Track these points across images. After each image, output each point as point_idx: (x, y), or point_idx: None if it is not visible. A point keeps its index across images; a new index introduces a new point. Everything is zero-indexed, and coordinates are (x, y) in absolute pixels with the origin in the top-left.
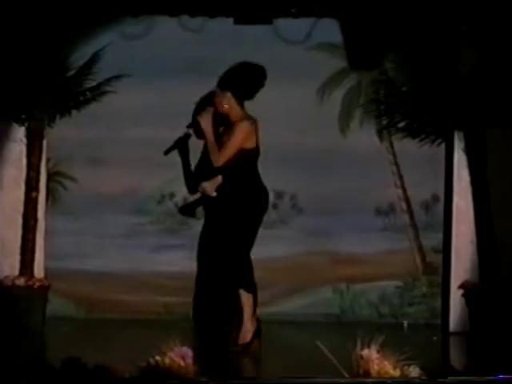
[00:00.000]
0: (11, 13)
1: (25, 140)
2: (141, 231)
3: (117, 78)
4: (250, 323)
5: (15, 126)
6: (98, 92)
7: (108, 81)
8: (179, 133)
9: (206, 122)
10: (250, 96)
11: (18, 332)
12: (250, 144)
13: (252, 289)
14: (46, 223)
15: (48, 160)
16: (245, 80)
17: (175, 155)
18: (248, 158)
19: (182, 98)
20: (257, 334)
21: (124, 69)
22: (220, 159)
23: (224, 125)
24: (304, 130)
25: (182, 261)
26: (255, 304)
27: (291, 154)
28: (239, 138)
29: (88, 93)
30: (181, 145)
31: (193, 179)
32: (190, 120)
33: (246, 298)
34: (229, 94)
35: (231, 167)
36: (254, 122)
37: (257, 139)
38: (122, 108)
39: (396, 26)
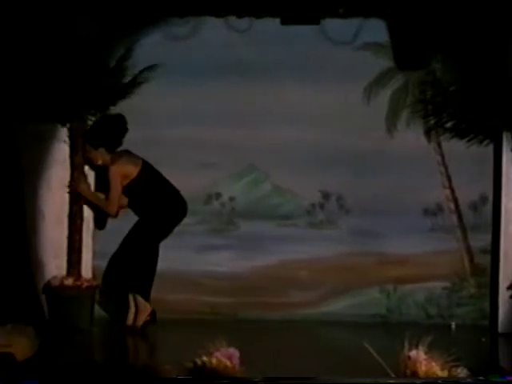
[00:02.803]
0: (55, 14)
1: (68, 140)
2: (188, 231)
3: (150, 68)
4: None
5: (60, 126)
6: (134, 84)
7: (141, 72)
8: (224, 134)
9: (83, 187)
10: (119, 144)
11: (66, 332)
12: (129, 178)
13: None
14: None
15: None
16: (112, 133)
17: (220, 155)
18: (134, 185)
19: (229, 98)
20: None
21: (170, 69)
22: (112, 210)
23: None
24: (351, 131)
25: (228, 261)
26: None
27: (338, 154)
28: (115, 183)
29: (125, 87)
30: None
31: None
32: (233, 120)
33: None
34: (103, 150)
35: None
36: (123, 158)
37: (138, 165)
38: (167, 108)
39: (443, 26)
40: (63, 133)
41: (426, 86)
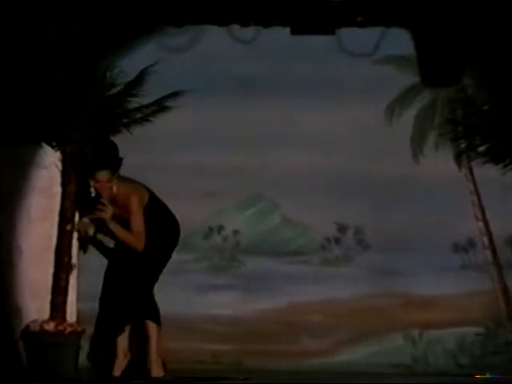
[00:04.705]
0: (45, 26)
1: (60, 166)
2: (186, 269)
3: (174, 94)
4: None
5: (45, 150)
6: (155, 109)
7: (165, 98)
8: (227, 159)
9: (110, 221)
10: (119, 165)
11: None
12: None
13: (158, 320)
14: (79, 260)
15: None
16: (116, 154)
17: (223, 183)
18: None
19: (233, 119)
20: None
21: (169, 86)
22: (139, 243)
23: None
24: (371, 155)
25: (231, 303)
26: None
27: (356, 181)
28: (138, 213)
29: (133, 113)
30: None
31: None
32: (238, 143)
33: (152, 328)
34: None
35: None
36: (134, 183)
37: (147, 191)
38: (166, 130)
39: (476, 36)
40: (46, 157)
41: (456, 104)
